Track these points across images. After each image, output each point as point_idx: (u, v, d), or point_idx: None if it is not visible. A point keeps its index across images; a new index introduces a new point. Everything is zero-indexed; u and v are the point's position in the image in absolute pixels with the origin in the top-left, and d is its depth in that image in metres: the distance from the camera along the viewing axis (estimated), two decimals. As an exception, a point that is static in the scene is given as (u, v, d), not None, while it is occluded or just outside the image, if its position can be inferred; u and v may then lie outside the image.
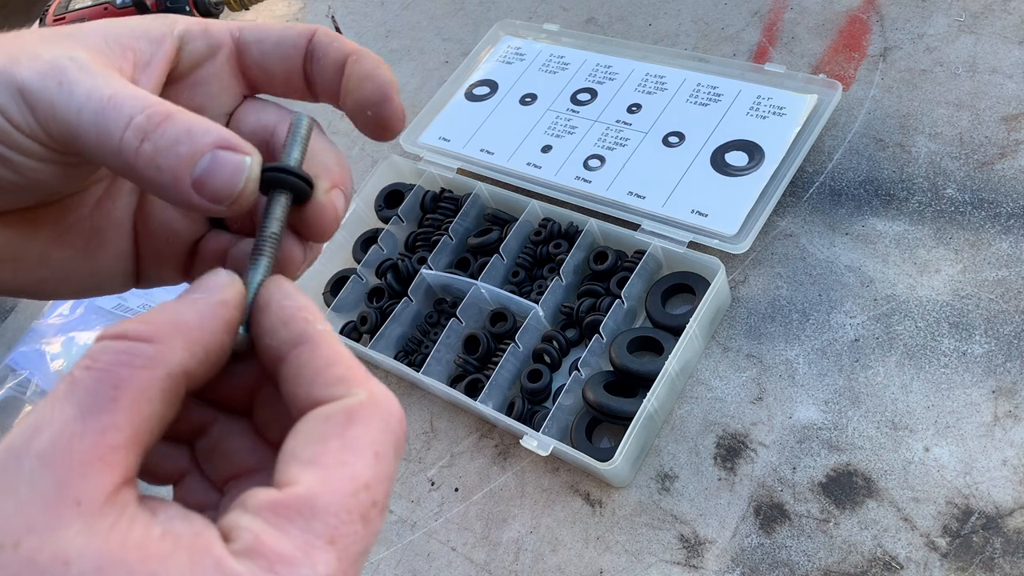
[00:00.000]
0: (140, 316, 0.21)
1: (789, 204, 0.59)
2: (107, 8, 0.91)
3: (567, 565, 0.50)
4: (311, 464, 0.19)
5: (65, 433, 0.18)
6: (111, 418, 0.19)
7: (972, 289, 0.51)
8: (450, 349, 0.60)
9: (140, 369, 0.20)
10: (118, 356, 0.19)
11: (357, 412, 0.20)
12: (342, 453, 0.20)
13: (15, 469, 0.18)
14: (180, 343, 0.20)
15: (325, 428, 0.20)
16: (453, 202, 0.67)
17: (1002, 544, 0.43)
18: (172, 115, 0.22)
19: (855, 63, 0.64)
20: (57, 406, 0.19)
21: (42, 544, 0.18)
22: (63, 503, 0.18)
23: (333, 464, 0.19)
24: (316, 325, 0.22)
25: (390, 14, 0.89)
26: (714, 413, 0.53)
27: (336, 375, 0.21)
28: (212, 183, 0.22)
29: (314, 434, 0.20)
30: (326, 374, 0.21)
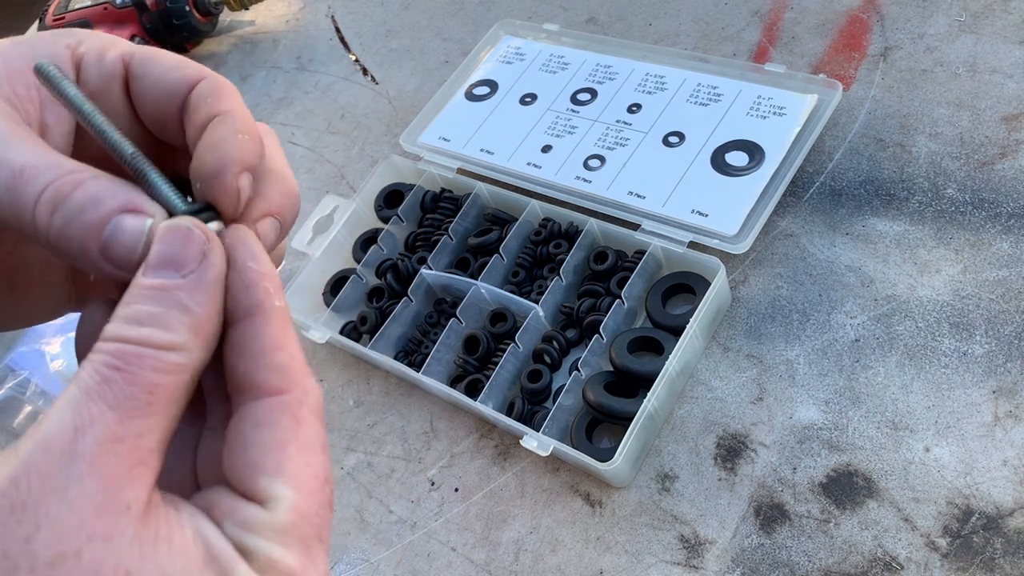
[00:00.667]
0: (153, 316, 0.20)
1: (789, 204, 0.59)
2: (106, 8, 0.91)
3: (567, 565, 0.50)
4: (280, 475, 0.21)
5: (108, 436, 0.19)
6: (146, 423, 0.19)
7: (973, 289, 0.51)
8: (450, 349, 0.60)
9: (170, 375, 0.20)
10: (148, 362, 0.20)
11: (300, 413, 0.22)
12: (302, 455, 0.21)
13: (62, 471, 0.18)
14: (198, 344, 0.21)
15: (276, 433, 0.21)
16: (453, 202, 0.67)
17: (1002, 544, 0.43)
18: (83, 183, 0.21)
19: (855, 63, 0.64)
20: (94, 407, 0.19)
21: (104, 555, 0.18)
22: (115, 509, 0.18)
23: (299, 470, 0.21)
24: (274, 299, 0.22)
25: (390, 14, 0.89)
26: (714, 413, 0.53)
27: (277, 361, 0.22)
28: (114, 251, 0.21)
29: (268, 442, 0.21)
30: (269, 357, 0.22)
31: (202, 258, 0.21)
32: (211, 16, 0.94)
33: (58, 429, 0.18)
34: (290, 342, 0.22)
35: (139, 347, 0.20)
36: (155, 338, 0.20)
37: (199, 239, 0.21)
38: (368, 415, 0.62)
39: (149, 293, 0.20)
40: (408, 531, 0.55)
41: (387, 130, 0.79)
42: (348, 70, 0.86)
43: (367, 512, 0.57)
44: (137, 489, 0.19)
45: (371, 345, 0.61)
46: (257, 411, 0.21)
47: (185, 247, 0.21)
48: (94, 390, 0.19)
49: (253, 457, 0.21)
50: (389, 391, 0.63)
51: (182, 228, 0.21)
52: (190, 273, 0.21)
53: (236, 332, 0.22)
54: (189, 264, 0.21)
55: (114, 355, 0.19)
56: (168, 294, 0.21)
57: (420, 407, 0.61)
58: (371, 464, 0.59)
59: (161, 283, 0.21)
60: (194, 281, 0.21)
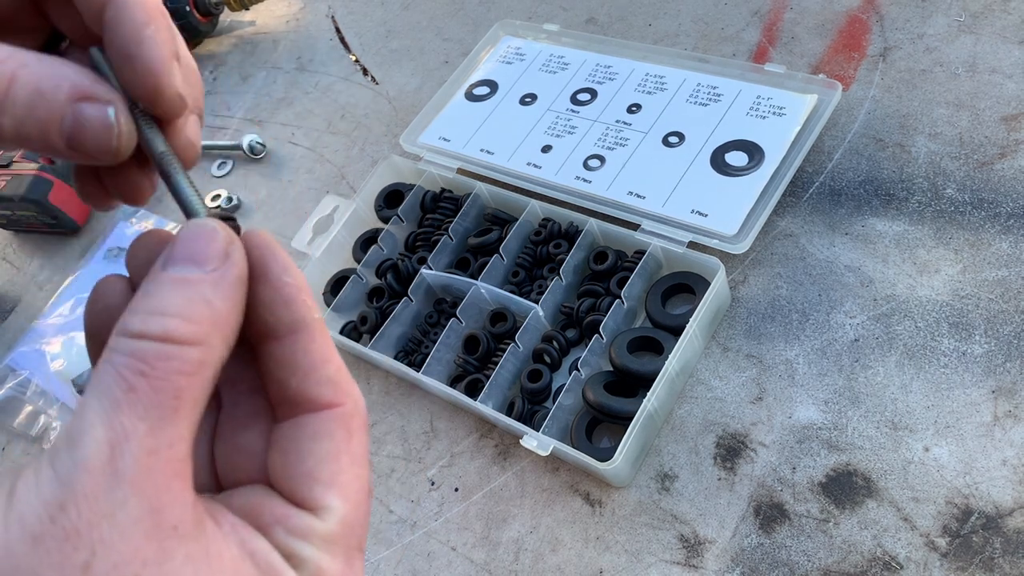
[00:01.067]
0: (175, 307, 0.20)
1: (789, 204, 0.59)
2: (107, 8, 0.91)
3: (567, 565, 0.50)
4: (333, 486, 0.21)
5: (143, 451, 0.18)
6: (176, 431, 0.19)
7: (972, 289, 0.51)
8: (450, 349, 0.60)
9: (194, 376, 0.19)
10: (172, 364, 0.19)
11: (352, 425, 0.22)
12: (352, 467, 0.22)
13: (108, 495, 0.18)
14: (219, 339, 0.20)
15: (332, 445, 0.22)
16: (453, 202, 0.67)
17: (1002, 544, 0.43)
18: (15, 77, 0.20)
19: (855, 63, 0.64)
20: (126, 420, 0.18)
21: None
22: (164, 531, 0.18)
23: (350, 481, 0.22)
24: (314, 312, 0.22)
25: (390, 14, 0.89)
26: (714, 413, 0.53)
27: (328, 375, 0.22)
28: (85, 143, 0.21)
29: (324, 453, 0.21)
30: (320, 371, 0.22)
31: (225, 257, 0.21)
32: (211, 16, 0.94)
33: (95, 448, 0.18)
34: (334, 353, 0.22)
35: (163, 345, 0.19)
36: (179, 331, 0.19)
37: (223, 238, 0.21)
38: (368, 415, 0.62)
39: (171, 285, 0.20)
40: (408, 531, 0.55)
41: (387, 130, 0.79)
42: (348, 70, 0.86)
43: (367, 512, 0.57)
44: (181, 507, 0.19)
45: (371, 345, 0.61)
46: (313, 423, 0.22)
47: (209, 245, 0.21)
48: (122, 400, 0.18)
49: (309, 467, 0.21)
50: (389, 391, 0.63)
51: (207, 227, 0.21)
52: (213, 270, 0.21)
53: (282, 347, 0.22)
54: (212, 261, 0.21)
55: (138, 357, 0.19)
56: (191, 287, 0.20)
57: (420, 407, 0.61)
58: (371, 464, 0.59)
59: (184, 276, 0.20)
60: (218, 277, 0.21)
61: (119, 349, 0.19)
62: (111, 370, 0.19)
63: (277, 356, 0.22)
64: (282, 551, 0.20)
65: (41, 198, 0.80)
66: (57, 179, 0.82)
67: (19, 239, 0.89)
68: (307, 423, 0.22)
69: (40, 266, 0.86)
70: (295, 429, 0.22)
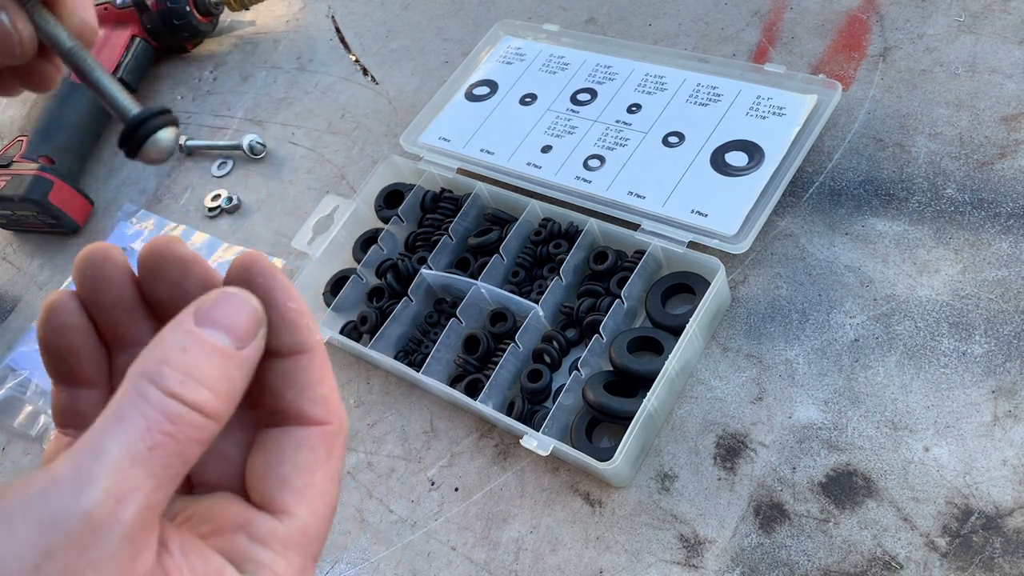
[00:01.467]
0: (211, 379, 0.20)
1: (789, 204, 0.59)
2: (107, 8, 0.91)
3: (567, 565, 0.51)
4: (302, 495, 0.22)
5: (144, 507, 0.19)
6: (172, 488, 0.20)
7: (972, 289, 0.51)
8: (450, 349, 0.60)
9: (203, 445, 0.20)
10: (194, 433, 0.20)
11: (334, 444, 0.23)
12: (325, 483, 0.23)
13: (100, 545, 0.18)
14: (226, 416, 0.21)
15: (312, 458, 0.23)
16: (453, 202, 0.67)
17: (1002, 544, 0.43)
18: None
19: (855, 63, 0.64)
20: (140, 475, 0.18)
21: None
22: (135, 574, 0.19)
23: (319, 495, 0.22)
24: (315, 335, 0.23)
25: (390, 14, 0.89)
26: (714, 413, 0.53)
27: (322, 394, 0.23)
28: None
29: (303, 463, 0.22)
30: (315, 389, 0.23)
31: (255, 334, 0.22)
32: (211, 16, 0.94)
33: (101, 499, 0.18)
34: (330, 375, 0.24)
35: (191, 413, 0.19)
36: (209, 405, 0.20)
37: (260, 318, 0.22)
38: (368, 415, 0.62)
39: (208, 353, 0.20)
40: (408, 531, 0.55)
41: (387, 130, 0.79)
42: (348, 70, 0.86)
43: (367, 512, 0.57)
44: (150, 552, 0.19)
45: (371, 345, 0.61)
46: (299, 434, 0.23)
47: (248, 319, 0.22)
48: (143, 457, 0.19)
49: (285, 473, 0.22)
50: (389, 391, 0.63)
51: (243, 299, 0.22)
52: (243, 348, 0.21)
53: (283, 365, 0.23)
54: (246, 339, 0.21)
55: (169, 418, 0.19)
56: (225, 360, 0.21)
57: (420, 407, 0.61)
58: (371, 464, 0.59)
59: (224, 348, 0.21)
60: (247, 356, 0.21)
61: (151, 400, 0.19)
62: (140, 420, 0.19)
63: (277, 371, 0.23)
64: (241, 556, 0.21)
65: (41, 198, 0.80)
66: (57, 179, 0.82)
67: (19, 239, 0.89)
68: (294, 433, 0.23)
69: (40, 266, 0.86)
70: (282, 436, 0.23)
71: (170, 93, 0.94)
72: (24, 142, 0.83)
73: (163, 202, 0.84)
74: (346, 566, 0.55)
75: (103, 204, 0.87)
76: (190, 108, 0.92)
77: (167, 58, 0.97)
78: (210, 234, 0.79)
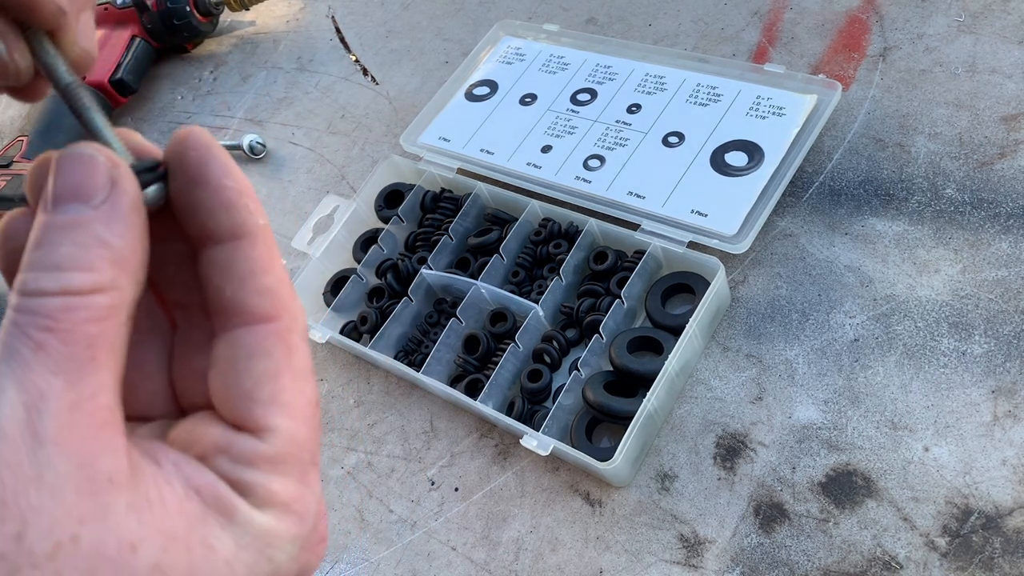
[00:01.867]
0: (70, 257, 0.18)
1: (789, 204, 0.59)
2: (107, 8, 0.91)
3: (567, 565, 0.51)
4: (274, 405, 0.20)
5: (63, 407, 0.17)
6: (96, 379, 0.18)
7: (972, 289, 0.51)
8: (450, 349, 0.60)
9: (105, 321, 0.18)
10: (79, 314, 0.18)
11: (291, 340, 0.21)
12: (295, 384, 0.21)
13: (30, 458, 0.17)
14: (125, 279, 0.19)
15: (270, 364, 0.20)
16: (453, 202, 0.67)
17: (1002, 544, 0.43)
18: None
19: (855, 63, 0.64)
20: (38, 378, 0.17)
21: (102, 534, 0.17)
22: (98, 484, 0.17)
23: (294, 399, 0.21)
24: (257, 218, 0.21)
25: (390, 14, 0.89)
26: (714, 413, 0.53)
27: (266, 285, 0.21)
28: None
29: (262, 372, 0.20)
30: (258, 280, 0.21)
31: (111, 185, 0.19)
32: (212, 16, 0.94)
33: (9, 412, 0.17)
34: (276, 264, 0.21)
35: (65, 298, 0.18)
36: (79, 283, 0.18)
37: (103, 164, 0.19)
38: (368, 415, 0.62)
39: (60, 231, 0.19)
40: (408, 530, 0.55)
41: (387, 130, 0.79)
42: (348, 70, 0.86)
43: (367, 511, 0.57)
44: (113, 456, 0.18)
45: (371, 345, 0.61)
46: (249, 339, 0.20)
47: (91, 175, 0.19)
48: (32, 360, 0.17)
49: (248, 388, 0.20)
50: (389, 391, 0.63)
51: (83, 155, 0.19)
52: (101, 203, 0.19)
53: (219, 253, 0.21)
54: (98, 193, 0.19)
55: (41, 314, 0.18)
56: (82, 229, 0.19)
57: (420, 407, 0.61)
58: (371, 464, 0.59)
59: (71, 219, 0.19)
60: (108, 211, 0.19)
61: (21, 308, 0.18)
62: (15, 331, 0.18)
63: (215, 262, 0.21)
64: (228, 480, 0.19)
65: (41, 198, 0.80)
66: (57, 179, 0.82)
67: (19, 239, 0.89)
68: (242, 340, 0.20)
69: (40, 266, 0.86)
70: (231, 348, 0.21)
71: (170, 93, 0.94)
72: (24, 142, 0.83)
73: (163, 202, 0.84)
74: (346, 566, 0.55)
75: (103, 204, 0.87)
76: (190, 108, 0.92)
77: (167, 58, 0.97)
78: (210, 234, 0.79)
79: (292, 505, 0.20)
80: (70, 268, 0.18)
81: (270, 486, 0.20)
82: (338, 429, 0.62)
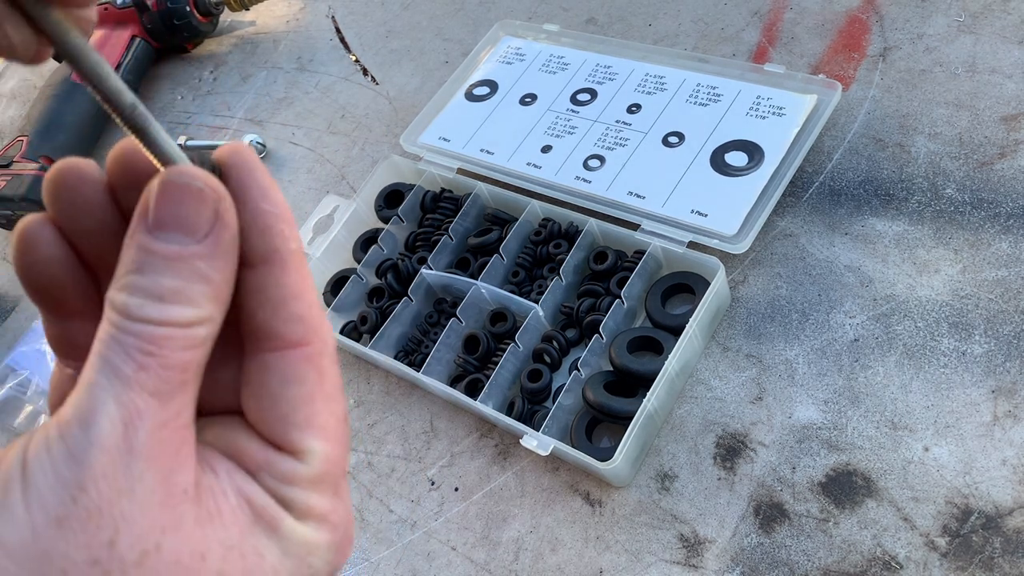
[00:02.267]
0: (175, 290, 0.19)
1: (789, 204, 0.59)
2: (107, 8, 0.91)
3: (567, 565, 0.51)
4: (310, 427, 0.21)
5: (156, 426, 0.19)
6: (183, 400, 0.19)
7: (972, 289, 0.51)
8: (450, 349, 0.60)
9: (199, 349, 0.20)
10: (179, 342, 0.19)
11: (322, 364, 0.22)
12: (327, 406, 0.22)
13: (125, 471, 0.18)
14: (219, 310, 0.20)
15: (303, 389, 0.21)
16: (453, 202, 0.67)
17: (1002, 544, 0.43)
18: None
19: (855, 63, 0.64)
20: (137, 397, 0.18)
21: (179, 544, 0.18)
22: (176, 499, 0.19)
23: (327, 421, 0.22)
24: (290, 243, 0.21)
25: (390, 14, 0.89)
26: (714, 413, 0.53)
27: (298, 312, 0.21)
28: None
29: (297, 397, 0.21)
30: (290, 306, 0.21)
31: (216, 219, 0.20)
32: (212, 16, 0.94)
33: (109, 427, 0.18)
34: (308, 289, 0.21)
35: (168, 328, 0.19)
36: (182, 317, 0.19)
37: (211, 197, 0.20)
38: (368, 415, 0.62)
39: (164, 261, 0.19)
40: (408, 530, 0.55)
41: (387, 130, 0.79)
42: (348, 70, 0.86)
43: (367, 511, 0.57)
44: (187, 471, 0.19)
45: (371, 345, 0.61)
46: (282, 365, 0.21)
47: (198, 208, 0.20)
48: (133, 379, 0.18)
49: (283, 412, 0.21)
50: (389, 391, 0.63)
51: (192, 187, 0.20)
52: (205, 237, 0.20)
53: (252, 277, 0.21)
54: (203, 227, 0.20)
55: (144, 338, 0.19)
56: (186, 264, 0.19)
57: (420, 407, 0.61)
58: (371, 463, 0.59)
59: (177, 251, 0.19)
60: (211, 246, 0.20)
61: (126, 330, 0.19)
62: (119, 351, 0.19)
63: (248, 285, 0.21)
64: (272, 494, 0.21)
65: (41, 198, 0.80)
66: (57, 179, 0.81)
67: (19, 239, 0.89)
68: (276, 366, 0.21)
69: (40, 266, 0.86)
70: (264, 371, 0.21)
71: (170, 93, 0.94)
72: (24, 142, 0.83)
73: (163, 202, 0.84)
74: (346, 566, 0.55)
75: (103, 204, 0.87)
76: (190, 108, 0.92)
77: (167, 58, 0.97)
78: (210, 234, 0.79)
79: (328, 517, 0.22)
80: (173, 301, 0.19)
81: (309, 502, 0.21)
82: (338, 429, 0.62)
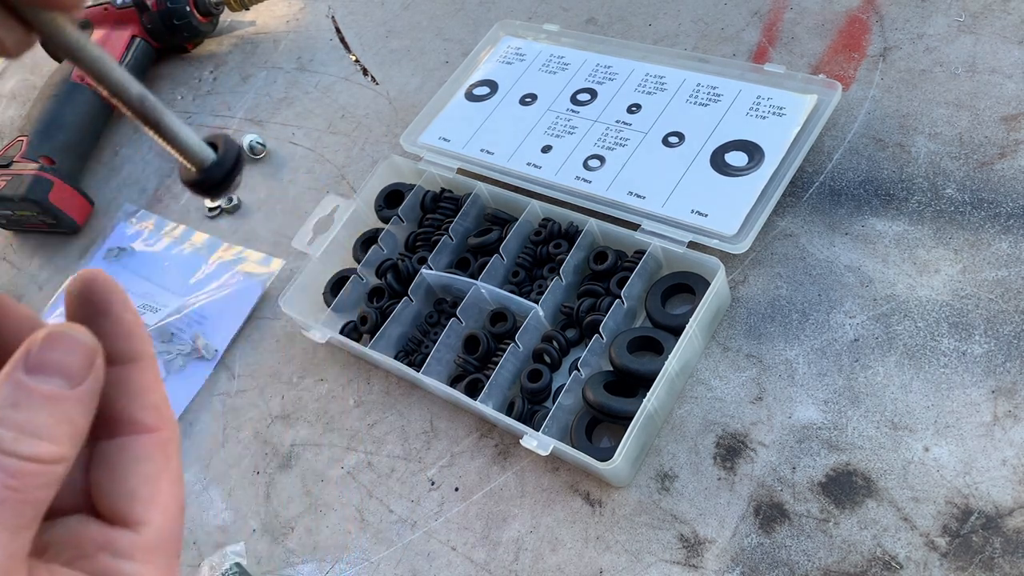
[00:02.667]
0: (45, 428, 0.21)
1: (789, 204, 0.59)
2: (107, 9, 0.91)
3: (567, 565, 0.51)
4: (153, 503, 0.23)
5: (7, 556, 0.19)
6: (30, 533, 0.20)
7: (972, 289, 0.51)
8: (450, 349, 0.60)
9: (53, 487, 0.21)
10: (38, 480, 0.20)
11: (169, 449, 0.24)
12: (170, 487, 0.24)
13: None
14: (73, 454, 0.22)
15: (153, 467, 0.24)
16: (453, 202, 0.67)
17: (1002, 544, 0.43)
18: None
19: (855, 63, 0.64)
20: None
21: None
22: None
23: (167, 499, 0.24)
24: (147, 346, 0.24)
25: (390, 14, 0.89)
26: (714, 413, 0.53)
27: (152, 402, 0.24)
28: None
29: (146, 474, 0.23)
30: (146, 397, 0.24)
31: (91, 369, 0.22)
32: (212, 16, 0.94)
33: None
34: (161, 385, 0.25)
35: (31, 465, 0.20)
36: (48, 453, 0.20)
37: (89, 350, 0.22)
38: (368, 415, 0.62)
39: (40, 401, 0.21)
40: (408, 530, 0.55)
41: (387, 130, 0.79)
42: (348, 70, 0.86)
43: (367, 511, 0.57)
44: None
45: (371, 345, 0.61)
46: (136, 446, 0.24)
47: (77, 357, 0.22)
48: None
49: (132, 486, 0.23)
50: (389, 391, 0.63)
51: (72, 337, 0.22)
52: (78, 385, 0.21)
53: (116, 373, 0.24)
54: (79, 375, 0.21)
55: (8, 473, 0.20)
56: (58, 406, 0.21)
57: (420, 407, 0.61)
58: (371, 464, 0.59)
59: (52, 392, 0.21)
60: (82, 394, 0.21)
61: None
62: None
63: (111, 379, 0.23)
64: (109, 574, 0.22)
65: (41, 198, 0.80)
66: (57, 179, 0.81)
67: (19, 239, 0.89)
68: (130, 446, 0.24)
69: (40, 266, 0.86)
70: (119, 451, 0.24)
71: (170, 93, 0.94)
72: (24, 142, 0.83)
73: (163, 202, 0.84)
74: (346, 566, 0.55)
75: (103, 204, 0.87)
76: (190, 108, 0.92)
77: (167, 58, 0.97)
78: (210, 234, 0.79)
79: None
80: (43, 437, 0.21)
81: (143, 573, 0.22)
82: (338, 429, 0.62)
